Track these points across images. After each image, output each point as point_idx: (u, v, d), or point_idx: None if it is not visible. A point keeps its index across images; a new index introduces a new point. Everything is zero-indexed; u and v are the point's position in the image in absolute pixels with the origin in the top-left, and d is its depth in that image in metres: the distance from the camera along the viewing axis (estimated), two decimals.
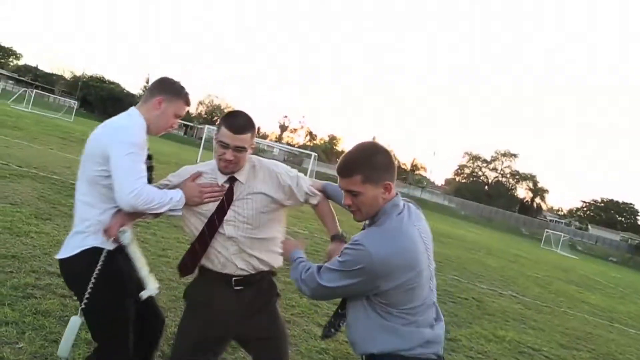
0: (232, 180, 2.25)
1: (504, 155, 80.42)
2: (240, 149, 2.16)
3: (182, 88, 2.33)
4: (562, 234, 45.60)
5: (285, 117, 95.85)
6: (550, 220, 76.01)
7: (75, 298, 2.54)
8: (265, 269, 2.34)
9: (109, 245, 2.13)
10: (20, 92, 48.14)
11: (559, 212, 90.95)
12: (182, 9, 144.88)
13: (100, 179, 2.11)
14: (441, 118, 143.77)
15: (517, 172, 79.83)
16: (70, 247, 2.14)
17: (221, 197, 2.23)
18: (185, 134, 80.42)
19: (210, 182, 2.26)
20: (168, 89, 2.29)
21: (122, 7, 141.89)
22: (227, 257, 2.26)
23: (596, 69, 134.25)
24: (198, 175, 2.27)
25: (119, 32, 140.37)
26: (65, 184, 8.47)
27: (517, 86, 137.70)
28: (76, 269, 2.15)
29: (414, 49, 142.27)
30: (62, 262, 2.18)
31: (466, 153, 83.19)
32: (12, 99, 44.95)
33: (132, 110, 2.27)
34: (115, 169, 2.05)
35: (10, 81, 69.73)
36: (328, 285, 1.77)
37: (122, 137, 2.09)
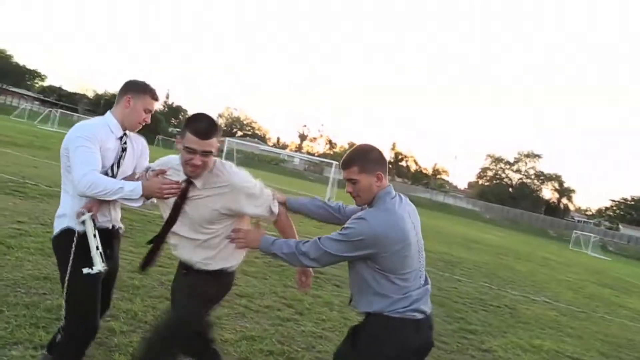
0: (188, 181, 2.37)
1: (528, 156, 79.10)
2: (208, 154, 2.25)
3: (147, 85, 2.61)
4: (592, 235, 44.54)
5: (304, 126, 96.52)
6: (579, 221, 74.39)
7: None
8: (203, 268, 2.49)
9: (79, 227, 2.41)
10: (45, 112, 49.30)
11: (587, 212, 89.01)
12: (196, 21, 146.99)
13: (69, 169, 2.41)
14: (462, 121, 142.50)
15: (542, 172, 78.42)
16: (55, 228, 2.52)
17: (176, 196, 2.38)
18: None
19: (172, 179, 2.38)
20: (134, 88, 2.57)
21: (140, 26, 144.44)
22: (173, 245, 2.54)
23: (619, 65, 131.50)
24: (163, 171, 2.42)
25: (139, 50, 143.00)
26: None
27: (538, 86, 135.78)
28: (57, 246, 2.52)
29: (430, 51, 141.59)
30: (51, 241, 2.57)
31: (488, 155, 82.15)
32: (38, 120, 46.12)
33: (107, 113, 2.59)
34: (70, 160, 2.38)
35: (36, 102, 71.43)
36: (334, 252, 2.17)
37: (78, 132, 2.41)
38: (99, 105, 72.37)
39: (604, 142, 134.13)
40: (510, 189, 78.42)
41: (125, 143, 2.59)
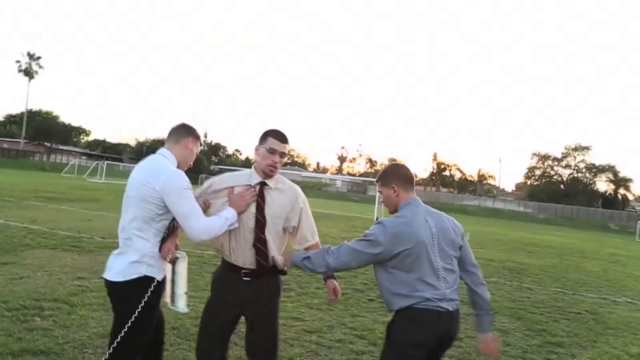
0: (262, 184, 2.70)
1: (575, 149, 75.99)
2: (284, 155, 2.71)
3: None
4: None
5: (342, 148, 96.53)
6: None
7: None
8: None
9: (159, 276, 2.52)
10: (93, 165, 51.22)
11: None
12: (222, 57, 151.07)
13: (156, 217, 2.49)
14: (501, 122, 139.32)
15: (593, 164, 74.97)
16: (125, 273, 2.47)
17: (256, 198, 2.66)
18: None
19: (243, 187, 2.67)
20: (193, 132, 2.73)
21: (170, 69, 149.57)
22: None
23: None
24: (231, 189, 2.67)
25: (173, 91, 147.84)
26: None
27: (577, 76, 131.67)
28: (129, 292, 2.47)
29: (463, 57, 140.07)
30: (115, 284, 2.50)
31: (534, 154, 79.21)
32: (87, 174, 47.95)
33: (166, 152, 2.63)
34: (179, 211, 2.45)
35: (84, 157, 74.58)
36: (355, 247, 2.44)
37: (177, 182, 2.46)
38: (142, 152, 74.92)
39: None
40: (562, 186, 75.33)
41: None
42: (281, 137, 2.68)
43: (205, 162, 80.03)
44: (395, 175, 2.64)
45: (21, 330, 4.07)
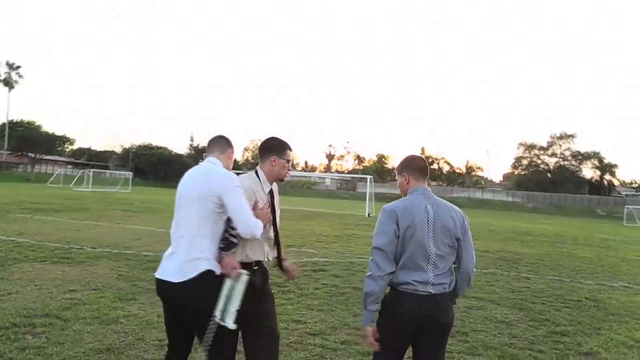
0: (270, 191, 3.01)
1: (561, 137, 76.76)
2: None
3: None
4: None
5: (330, 146, 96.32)
6: (627, 195, 71.53)
7: None
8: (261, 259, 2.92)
9: (218, 270, 2.61)
10: (79, 174, 50.61)
11: (633, 185, 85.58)
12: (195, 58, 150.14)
13: (214, 215, 2.64)
14: (488, 113, 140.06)
15: (579, 152, 75.78)
16: (188, 272, 2.54)
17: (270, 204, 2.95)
18: None
19: (263, 201, 2.90)
20: (232, 144, 3.04)
21: (154, 69, 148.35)
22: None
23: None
24: (256, 204, 2.83)
25: (159, 96, 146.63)
26: (139, 257, 8.41)
27: (560, 65, 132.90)
28: (197, 288, 2.54)
29: (451, 50, 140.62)
30: (182, 284, 2.54)
31: (520, 144, 80.00)
32: (73, 183, 47.35)
33: (215, 160, 2.90)
34: (233, 205, 2.62)
35: (69, 166, 73.57)
36: (377, 231, 2.62)
37: (231, 181, 2.70)
38: (128, 159, 74.16)
39: (637, 110, 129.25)
40: (549, 174, 76.07)
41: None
42: (291, 148, 3.09)
43: (193, 165, 79.23)
44: (408, 165, 2.85)
45: (12, 350, 3.87)
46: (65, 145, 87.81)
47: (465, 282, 2.74)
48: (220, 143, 2.94)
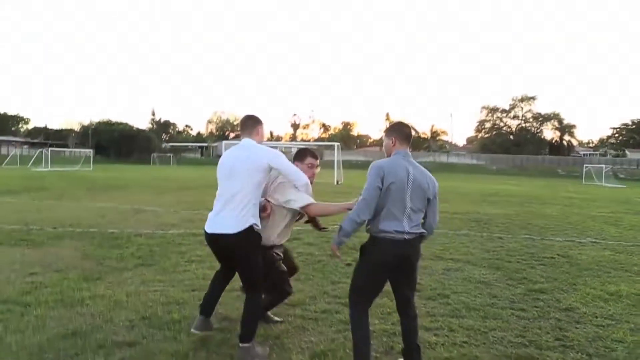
0: None
1: (522, 100, 77.98)
2: (318, 166, 4.08)
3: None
4: (603, 166, 44.11)
5: (295, 115, 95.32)
6: (585, 155, 73.84)
7: None
8: None
9: (259, 224, 3.39)
10: (36, 154, 48.68)
11: (591, 145, 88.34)
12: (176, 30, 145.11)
13: (261, 183, 3.44)
14: (451, 79, 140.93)
15: (539, 114, 77.35)
16: (238, 225, 3.27)
17: None
18: (202, 155, 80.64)
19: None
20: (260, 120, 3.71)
21: (109, 45, 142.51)
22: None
23: None
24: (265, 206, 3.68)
25: (115, 71, 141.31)
26: (105, 235, 8.03)
27: (515, 30, 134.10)
28: (246, 239, 3.30)
29: (411, 16, 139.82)
30: (233, 235, 3.27)
31: (483, 107, 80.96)
32: (30, 163, 45.56)
33: (250, 140, 3.55)
34: (288, 169, 3.46)
35: (25, 146, 70.60)
36: (368, 181, 3.08)
37: (279, 154, 3.52)
38: (88, 136, 71.67)
39: (594, 72, 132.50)
40: (511, 137, 77.56)
41: None
42: (315, 155, 3.97)
43: (156, 140, 77.52)
44: (396, 130, 3.32)
45: None
46: (20, 125, 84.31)
47: (429, 233, 3.28)
48: (247, 124, 3.57)
